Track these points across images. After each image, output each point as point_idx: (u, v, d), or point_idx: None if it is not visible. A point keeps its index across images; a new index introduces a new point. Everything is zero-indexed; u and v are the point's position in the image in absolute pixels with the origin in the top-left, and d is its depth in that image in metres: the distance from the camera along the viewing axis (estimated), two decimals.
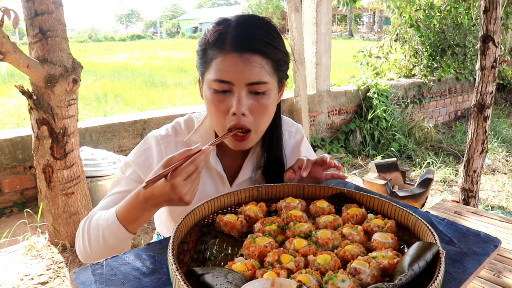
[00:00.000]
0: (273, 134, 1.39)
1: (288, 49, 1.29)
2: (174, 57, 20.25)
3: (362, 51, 8.31)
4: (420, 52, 7.95)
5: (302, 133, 1.56)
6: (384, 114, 6.64)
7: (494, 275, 2.45)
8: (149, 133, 1.42)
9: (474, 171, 3.76)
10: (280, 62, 1.23)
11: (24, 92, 3.02)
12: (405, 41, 7.98)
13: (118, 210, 1.15)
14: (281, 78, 1.28)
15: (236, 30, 1.17)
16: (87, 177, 3.53)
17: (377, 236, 1.03)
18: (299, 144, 1.53)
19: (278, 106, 1.38)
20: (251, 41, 1.16)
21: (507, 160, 6.16)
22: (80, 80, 3.13)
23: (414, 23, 7.62)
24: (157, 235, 1.60)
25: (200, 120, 1.40)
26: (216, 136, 1.36)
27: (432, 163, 6.00)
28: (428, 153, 6.42)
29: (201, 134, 1.37)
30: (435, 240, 0.94)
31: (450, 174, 5.59)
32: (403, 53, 8.19)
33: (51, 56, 2.98)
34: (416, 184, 4.16)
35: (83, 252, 1.24)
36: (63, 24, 3.03)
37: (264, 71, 1.17)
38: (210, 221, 1.16)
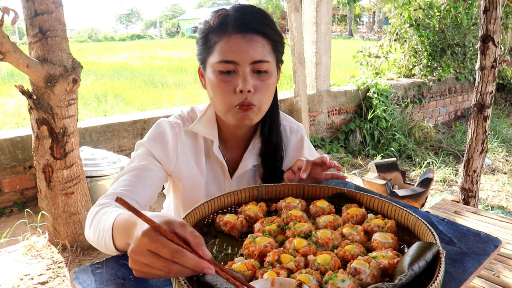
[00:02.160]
0: (272, 118, 1.41)
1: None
2: (174, 57, 20.25)
3: (362, 51, 8.30)
4: (420, 52, 7.94)
5: (304, 132, 1.57)
6: (384, 114, 6.64)
7: (494, 274, 2.45)
8: (157, 121, 1.42)
9: (474, 171, 3.76)
10: (277, 43, 1.28)
11: (24, 92, 3.02)
12: (405, 40, 7.98)
13: (116, 220, 1.00)
14: (278, 61, 1.33)
15: (237, 13, 1.23)
16: (87, 177, 3.53)
17: (377, 236, 1.03)
18: (302, 143, 1.54)
19: (275, 91, 1.40)
20: (252, 22, 1.22)
21: (507, 160, 6.16)
22: (80, 80, 3.13)
23: (414, 23, 7.61)
24: None
25: (203, 110, 1.42)
26: (218, 125, 1.39)
27: (432, 163, 6.00)
28: (428, 153, 6.42)
29: (204, 123, 1.39)
30: (435, 240, 0.94)
31: (450, 174, 5.59)
32: (403, 52, 8.18)
33: (51, 56, 2.98)
34: (416, 184, 4.16)
35: (88, 239, 1.19)
36: (63, 24, 3.03)
37: (266, 50, 1.23)
38: (210, 221, 1.17)
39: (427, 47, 7.76)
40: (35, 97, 3.05)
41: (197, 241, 0.77)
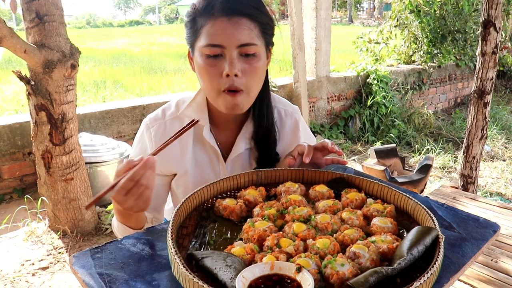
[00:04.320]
0: (263, 101, 1.39)
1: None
2: (173, 43, 20.12)
3: (362, 37, 8.25)
4: (420, 38, 7.89)
5: (299, 114, 1.56)
6: (383, 100, 6.63)
7: (492, 260, 2.46)
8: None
9: (473, 157, 3.76)
10: (266, 26, 1.26)
11: (22, 78, 3.00)
12: (405, 27, 7.92)
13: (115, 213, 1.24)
14: (268, 44, 1.31)
15: None
16: (86, 163, 3.53)
17: (376, 221, 1.03)
18: (297, 125, 1.53)
19: (266, 74, 1.38)
20: (238, 5, 1.19)
21: (506, 147, 6.16)
22: (78, 65, 3.11)
23: (414, 9, 7.55)
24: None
25: (193, 96, 1.42)
26: (209, 110, 1.39)
27: (431, 149, 6.00)
28: (427, 140, 6.42)
29: (193, 109, 1.39)
30: (435, 225, 0.94)
31: (449, 160, 5.59)
32: (403, 39, 8.13)
33: (49, 41, 2.95)
34: (415, 170, 4.16)
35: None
36: (60, 8, 3.00)
37: (253, 33, 1.21)
38: (209, 205, 1.17)
39: (428, 33, 7.71)
40: (33, 83, 3.03)
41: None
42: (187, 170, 1.39)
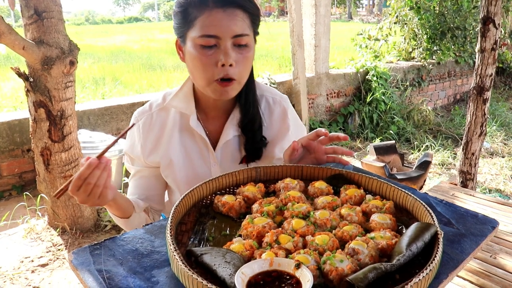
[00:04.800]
0: (249, 89, 1.41)
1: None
2: (172, 39, 19.97)
3: (361, 34, 8.24)
4: (420, 35, 7.88)
5: (288, 103, 1.57)
6: (383, 97, 6.62)
7: (490, 256, 2.47)
8: None
9: (473, 154, 3.76)
10: (255, 16, 1.28)
11: (20, 75, 3.00)
12: (405, 23, 7.91)
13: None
14: (255, 33, 1.33)
15: None
16: None
17: (375, 217, 1.03)
18: (285, 113, 1.53)
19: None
20: None
21: (505, 144, 6.17)
22: (77, 62, 3.10)
23: (414, 6, 7.53)
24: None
25: (179, 87, 1.45)
26: (197, 99, 1.42)
27: (431, 146, 6.00)
28: (426, 136, 6.42)
29: (179, 99, 1.41)
30: (433, 221, 0.94)
31: (449, 157, 5.60)
32: (403, 35, 8.11)
33: (47, 37, 2.94)
34: (414, 167, 4.16)
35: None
36: (59, 5, 2.99)
37: (245, 24, 1.24)
38: (208, 202, 1.17)
39: (427, 30, 7.70)
40: (32, 79, 3.03)
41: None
42: (172, 160, 1.41)
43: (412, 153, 5.85)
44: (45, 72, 2.97)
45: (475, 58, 3.64)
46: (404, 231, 0.96)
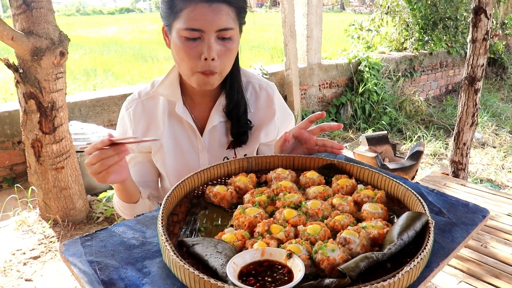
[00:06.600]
0: (233, 77, 1.43)
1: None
2: None
3: (353, 25, 8.23)
4: (412, 25, 7.89)
5: (275, 89, 1.59)
6: (375, 88, 6.64)
7: (481, 245, 2.49)
8: None
9: (464, 144, 3.78)
10: (241, 9, 1.29)
11: (9, 66, 2.96)
12: (396, 14, 7.91)
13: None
14: (241, 24, 1.35)
15: None
16: (77, 152, 3.51)
17: (367, 207, 1.03)
18: (272, 99, 1.54)
19: (237, 52, 1.43)
20: None
21: (496, 134, 6.21)
22: (68, 53, 3.07)
23: None
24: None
25: (166, 74, 1.46)
26: (181, 87, 1.44)
27: (423, 136, 6.03)
28: (418, 127, 6.45)
29: (166, 86, 1.43)
30: (425, 210, 0.95)
31: (440, 147, 5.63)
32: (394, 26, 8.12)
33: (37, 28, 2.91)
34: (406, 157, 4.18)
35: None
36: None
37: (230, 18, 1.24)
38: (200, 192, 1.16)
39: (419, 20, 7.71)
40: (21, 70, 2.99)
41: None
42: (162, 145, 1.44)
43: (404, 144, 5.87)
44: (35, 63, 2.94)
45: (467, 48, 3.65)
46: (395, 221, 0.97)
